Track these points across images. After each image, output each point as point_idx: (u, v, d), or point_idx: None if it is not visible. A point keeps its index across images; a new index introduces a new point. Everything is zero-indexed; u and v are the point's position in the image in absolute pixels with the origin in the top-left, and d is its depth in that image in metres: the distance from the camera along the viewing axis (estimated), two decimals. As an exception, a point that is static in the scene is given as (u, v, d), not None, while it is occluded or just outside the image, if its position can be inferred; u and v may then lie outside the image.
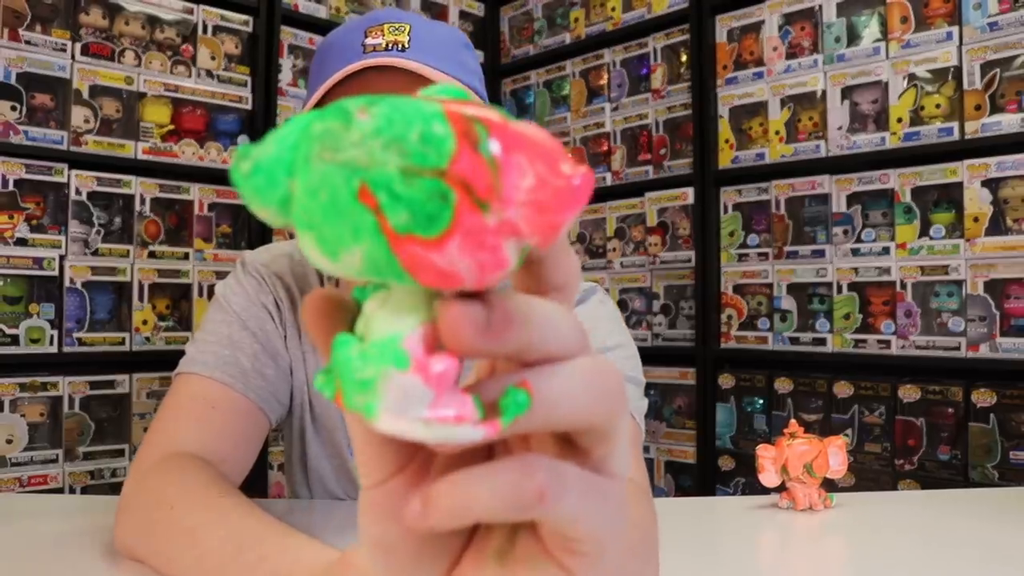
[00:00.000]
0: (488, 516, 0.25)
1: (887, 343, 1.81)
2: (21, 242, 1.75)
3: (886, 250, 1.82)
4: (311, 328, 0.25)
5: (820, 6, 1.95)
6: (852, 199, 1.88)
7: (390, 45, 0.76)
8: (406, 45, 0.77)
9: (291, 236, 2.17)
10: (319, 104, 0.75)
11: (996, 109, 1.69)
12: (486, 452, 0.28)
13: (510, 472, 0.24)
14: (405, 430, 0.22)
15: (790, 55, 2.01)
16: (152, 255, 1.94)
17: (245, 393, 0.82)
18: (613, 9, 2.39)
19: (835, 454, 0.86)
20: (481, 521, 0.25)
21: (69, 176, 1.83)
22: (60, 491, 1.77)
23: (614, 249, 2.34)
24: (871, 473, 1.80)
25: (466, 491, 0.24)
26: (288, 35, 2.23)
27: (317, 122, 0.23)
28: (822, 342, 1.92)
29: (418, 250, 0.21)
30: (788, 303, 1.98)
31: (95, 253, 1.86)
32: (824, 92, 1.93)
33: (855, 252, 1.87)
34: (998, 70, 1.68)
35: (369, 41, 0.77)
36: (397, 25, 0.78)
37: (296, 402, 0.92)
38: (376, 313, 0.23)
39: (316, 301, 0.25)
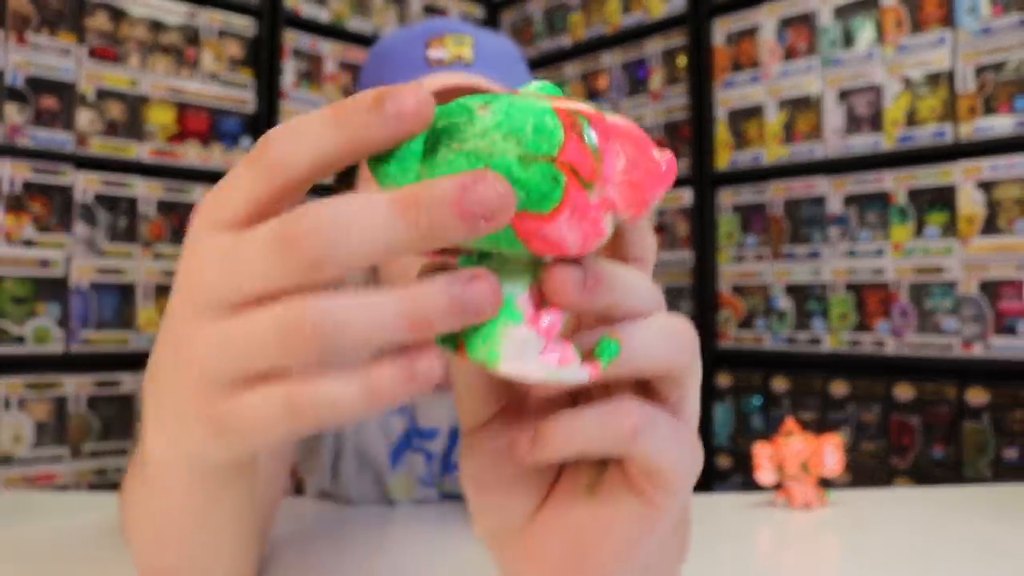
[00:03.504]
0: (587, 450, 0.29)
1: (882, 343, 1.83)
2: (28, 243, 1.77)
3: (881, 251, 1.84)
4: None
5: (816, 10, 1.97)
6: (848, 200, 1.90)
7: (454, 59, 0.75)
8: (471, 60, 0.76)
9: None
10: None
11: (989, 112, 1.71)
12: (570, 402, 0.32)
13: (608, 412, 0.28)
14: (523, 373, 0.26)
15: (787, 58, 2.03)
16: (157, 256, 1.96)
17: None
18: (612, 13, 2.41)
19: (831, 452, 0.87)
20: (579, 455, 0.29)
21: (75, 178, 1.84)
22: (66, 489, 1.78)
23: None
24: (866, 471, 1.82)
25: (571, 427, 0.28)
26: (290, 38, 2.24)
27: (442, 118, 0.26)
28: (818, 342, 1.94)
29: (532, 224, 0.25)
30: (785, 303, 2.00)
31: (100, 254, 1.88)
32: (820, 95, 1.95)
33: (851, 253, 1.89)
34: (991, 73, 1.70)
35: (432, 54, 0.76)
36: (459, 37, 0.76)
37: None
38: (515, 288, 0.27)
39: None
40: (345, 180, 0.82)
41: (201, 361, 0.27)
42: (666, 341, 0.29)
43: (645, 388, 0.31)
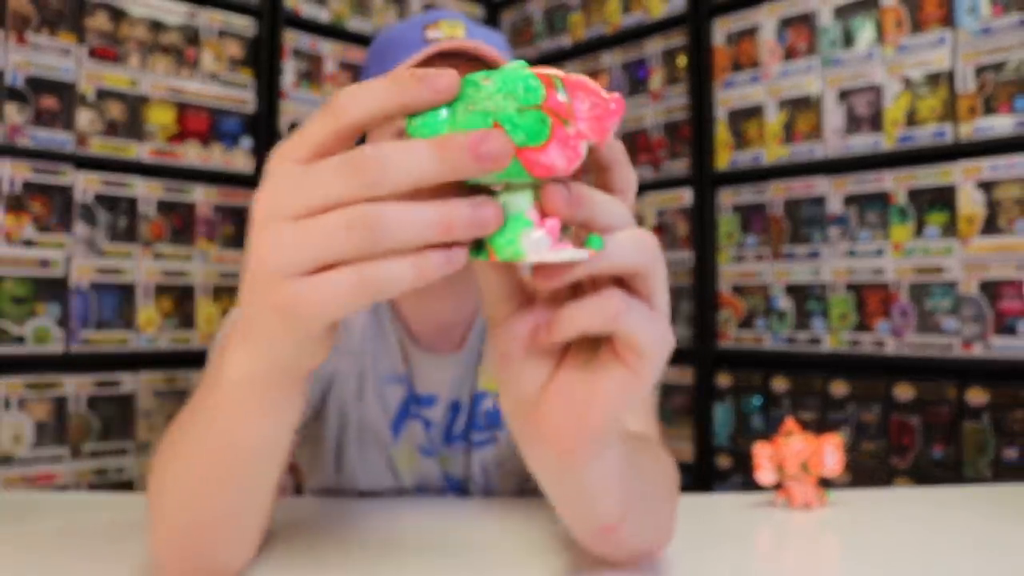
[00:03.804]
0: (585, 329, 0.40)
1: (882, 343, 1.83)
2: (28, 243, 1.77)
3: (881, 251, 1.84)
4: None
5: (816, 10, 1.97)
6: (848, 200, 1.90)
7: (449, 38, 0.85)
8: (464, 37, 0.86)
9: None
10: None
11: (989, 112, 1.71)
12: (570, 297, 0.42)
13: (598, 300, 0.39)
14: (541, 259, 0.37)
15: (787, 58, 2.03)
16: (157, 256, 1.96)
17: None
18: (612, 13, 2.41)
19: (831, 452, 0.87)
20: (580, 334, 0.41)
21: (75, 178, 1.85)
22: (65, 489, 1.78)
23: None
24: (866, 471, 1.82)
25: (574, 313, 0.40)
26: (290, 38, 2.24)
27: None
28: (818, 342, 1.94)
29: (532, 155, 0.36)
30: (785, 303, 2.00)
31: (100, 254, 1.88)
32: (820, 95, 1.95)
33: (851, 253, 1.89)
34: (991, 73, 1.70)
35: (430, 35, 0.85)
36: (452, 21, 0.87)
37: (332, 408, 0.94)
38: (507, 200, 0.37)
39: None
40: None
41: (280, 254, 0.36)
42: (634, 245, 0.39)
43: (623, 286, 0.41)
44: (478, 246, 0.38)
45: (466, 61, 0.85)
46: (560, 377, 0.44)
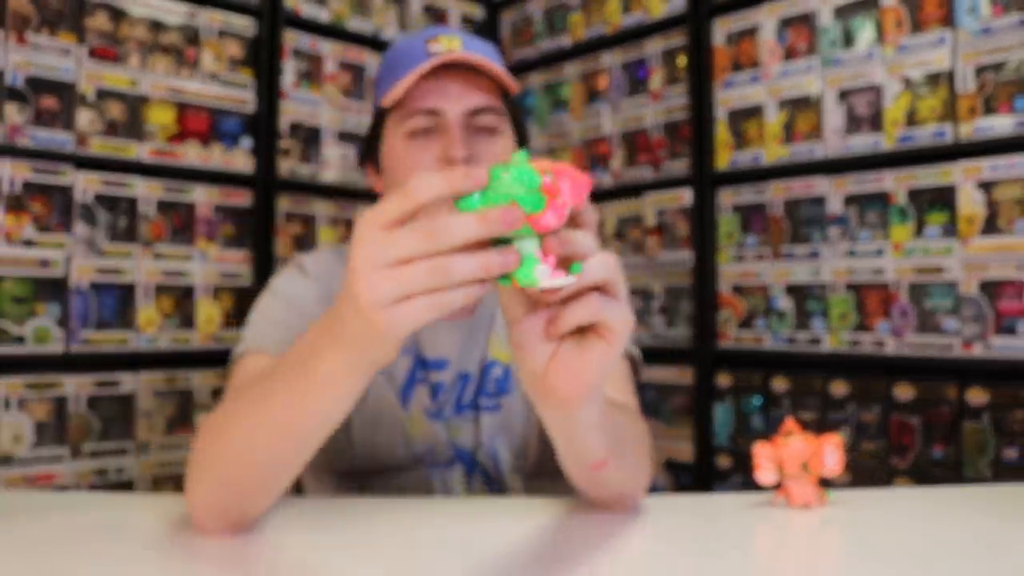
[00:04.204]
0: (579, 322, 0.60)
1: (882, 343, 1.83)
2: (27, 243, 1.77)
3: (881, 251, 1.84)
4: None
5: (816, 10, 1.97)
6: (848, 200, 1.90)
7: (448, 51, 0.97)
8: (460, 50, 0.98)
9: (297, 240, 2.19)
10: (406, 93, 0.98)
11: (989, 112, 1.71)
12: (566, 301, 0.60)
13: (587, 302, 0.59)
14: (548, 285, 0.56)
15: (787, 58, 2.03)
16: (157, 256, 1.96)
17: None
18: (612, 13, 2.41)
19: (831, 452, 0.87)
20: (576, 325, 0.60)
21: (75, 178, 1.85)
22: (65, 489, 1.78)
23: (613, 249, 2.36)
24: (866, 471, 1.82)
25: (572, 311, 0.59)
26: (290, 38, 2.24)
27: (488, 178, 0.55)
28: (818, 342, 1.94)
29: (535, 218, 0.55)
30: (785, 303, 2.00)
31: (100, 254, 1.88)
32: (820, 95, 1.95)
33: (851, 253, 1.89)
34: (991, 73, 1.70)
35: (432, 48, 0.98)
36: (451, 36, 1.00)
37: None
38: (521, 247, 0.56)
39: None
40: (370, 156, 1.08)
41: (376, 293, 0.54)
42: (602, 266, 0.59)
43: (600, 290, 0.60)
44: (504, 276, 0.56)
45: (464, 70, 0.98)
46: (560, 353, 0.62)
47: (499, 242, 0.56)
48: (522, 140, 1.08)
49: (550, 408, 0.67)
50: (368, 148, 1.07)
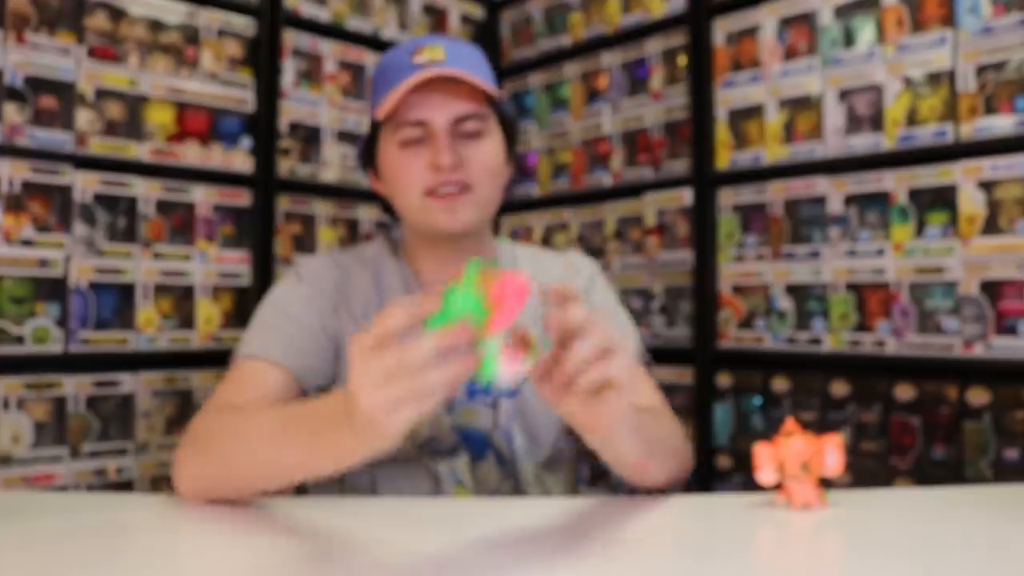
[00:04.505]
0: (586, 390, 0.73)
1: (883, 343, 1.83)
2: (27, 243, 1.77)
3: (882, 251, 1.84)
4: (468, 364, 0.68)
5: (817, 10, 1.97)
6: (848, 200, 1.90)
7: (431, 61, 1.03)
8: (443, 59, 1.04)
9: (295, 237, 2.19)
10: (395, 106, 1.04)
11: (990, 111, 1.70)
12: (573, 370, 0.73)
13: (588, 372, 0.72)
14: (504, 382, 0.69)
15: (787, 58, 2.03)
16: (156, 256, 1.96)
17: (280, 361, 1.03)
18: (612, 12, 2.41)
19: (831, 453, 0.87)
20: (583, 392, 0.73)
21: (74, 177, 1.84)
22: (65, 489, 1.78)
23: (613, 250, 2.35)
24: (867, 471, 1.82)
25: (578, 382, 0.72)
26: (290, 38, 2.24)
27: (443, 304, 0.67)
28: (818, 342, 1.94)
29: (486, 327, 0.67)
30: (785, 303, 2.00)
31: (100, 254, 1.88)
32: (821, 95, 1.95)
33: (851, 253, 1.89)
34: (992, 73, 1.70)
35: (416, 59, 1.04)
36: (433, 46, 1.05)
37: (344, 369, 1.08)
38: (483, 345, 0.67)
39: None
40: (369, 163, 1.14)
41: (374, 405, 0.67)
42: (591, 345, 0.72)
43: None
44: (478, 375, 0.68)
45: (445, 81, 1.03)
46: (580, 406, 0.75)
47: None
48: (512, 137, 1.14)
49: (588, 438, 0.82)
50: (367, 155, 1.13)
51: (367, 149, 1.13)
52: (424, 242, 1.12)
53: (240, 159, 2.13)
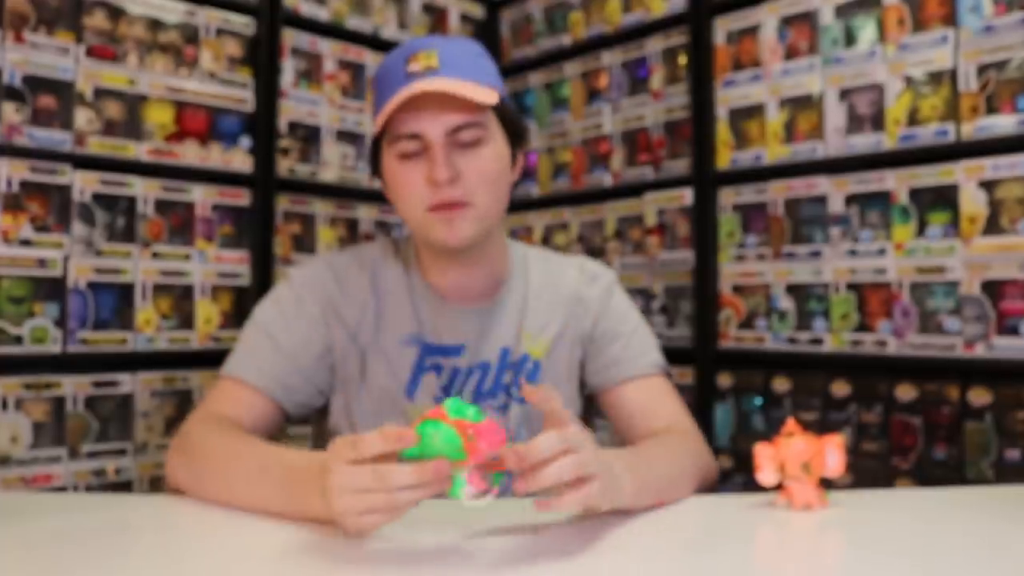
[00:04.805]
0: (547, 486, 0.73)
1: (884, 343, 1.82)
2: (25, 243, 1.76)
3: (883, 251, 1.83)
4: (437, 485, 0.72)
5: (817, 9, 1.96)
6: (849, 200, 1.89)
7: (425, 69, 1.01)
8: (437, 67, 1.01)
9: (293, 237, 2.18)
10: (390, 117, 1.03)
11: (991, 111, 1.70)
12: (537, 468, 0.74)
13: (546, 473, 0.73)
14: (471, 502, 0.73)
15: (788, 57, 2.02)
16: (155, 255, 1.96)
17: (256, 384, 1.06)
18: (612, 12, 2.41)
19: (832, 453, 0.87)
20: (545, 487, 0.73)
21: (73, 177, 1.84)
22: (63, 490, 1.77)
23: (613, 249, 2.35)
24: (868, 472, 1.81)
25: (537, 479, 0.72)
26: (289, 37, 2.23)
27: (422, 438, 0.72)
28: (819, 342, 1.93)
29: (459, 464, 0.72)
30: (786, 303, 1.99)
31: (98, 253, 1.87)
32: (821, 94, 1.94)
33: (852, 253, 1.88)
34: (993, 72, 1.69)
35: (410, 68, 1.02)
36: (428, 52, 1.02)
37: (340, 377, 1.12)
38: (455, 474, 0.72)
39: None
40: (376, 171, 1.12)
41: (347, 508, 0.72)
42: (557, 470, 0.73)
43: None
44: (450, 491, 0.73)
45: (438, 92, 1.00)
46: (563, 491, 0.75)
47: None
48: (518, 138, 1.11)
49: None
50: (374, 161, 1.12)
51: (374, 157, 1.12)
52: (430, 250, 1.11)
53: (239, 158, 2.12)
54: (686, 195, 2.19)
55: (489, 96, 1.02)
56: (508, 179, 1.10)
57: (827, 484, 0.89)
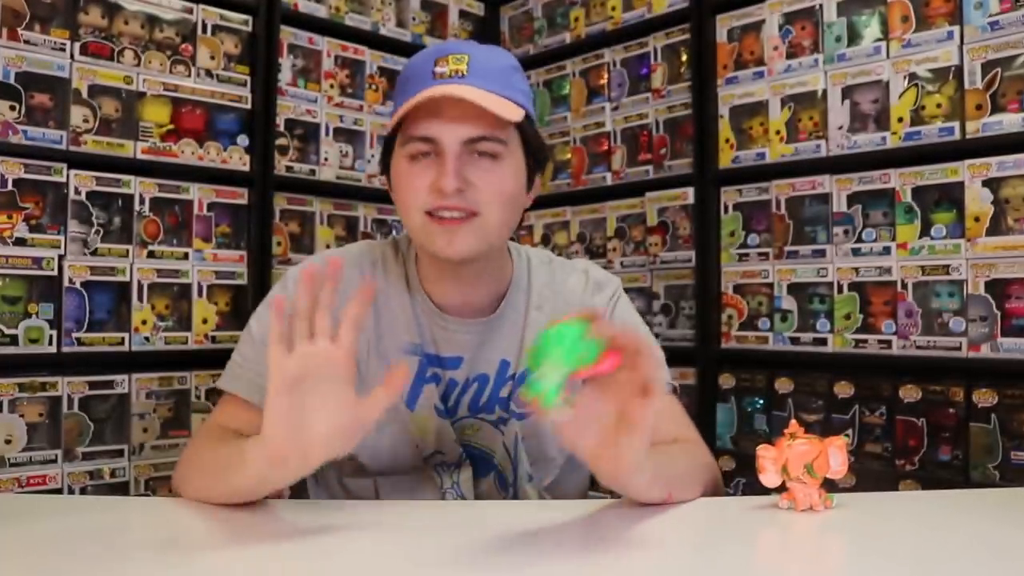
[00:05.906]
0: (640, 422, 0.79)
1: (888, 343, 1.81)
2: (20, 242, 1.75)
3: (887, 250, 1.82)
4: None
5: (821, 5, 1.95)
6: (853, 199, 1.88)
7: (453, 73, 0.98)
8: (465, 72, 0.98)
9: (291, 238, 2.17)
10: (404, 117, 0.99)
11: (997, 109, 1.68)
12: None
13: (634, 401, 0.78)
14: (559, 407, 0.72)
15: (790, 55, 2.01)
16: (151, 255, 1.94)
17: (247, 398, 1.04)
18: (613, 9, 2.39)
19: (835, 454, 0.86)
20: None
21: (68, 176, 1.83)
22: (59, 491, 1.77)
23: (614, 249, 2.34)
24: (872, 473, 1.80)
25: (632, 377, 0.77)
26: (288, 34, 2.23)
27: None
28: (823, 342, 1.92)
29: (585, 367, 0.74)
30: (788, 303, 1.98)
31: (94, 253, 1.86)
32: (825, 92, 1.93)
33: (856, 252, 1.87)
34: (999, 69, 1.68)
35: (438, 69, 0.99)
36: (459, 56, 0.99)
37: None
38: (549, 374, 0.72)
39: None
40: (386, 169, 1.08)
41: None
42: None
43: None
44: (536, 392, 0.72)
45: (461, 99, 0.96)
46: (599, 448, 0.79)
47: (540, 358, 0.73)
48: (538, 162, 1.07)
49: (605, 480, 0.85)
50: (386, 160, 1.08)
51: (385, 154, 1.08)
52: (430, 260, 1.07)
53: (237, 157, 2.11)
54: (688, 194, 2.17)
55: (513, 112, 0.97)
56: (521, 201, 1.06)
57: (830, 486, 0.89)
